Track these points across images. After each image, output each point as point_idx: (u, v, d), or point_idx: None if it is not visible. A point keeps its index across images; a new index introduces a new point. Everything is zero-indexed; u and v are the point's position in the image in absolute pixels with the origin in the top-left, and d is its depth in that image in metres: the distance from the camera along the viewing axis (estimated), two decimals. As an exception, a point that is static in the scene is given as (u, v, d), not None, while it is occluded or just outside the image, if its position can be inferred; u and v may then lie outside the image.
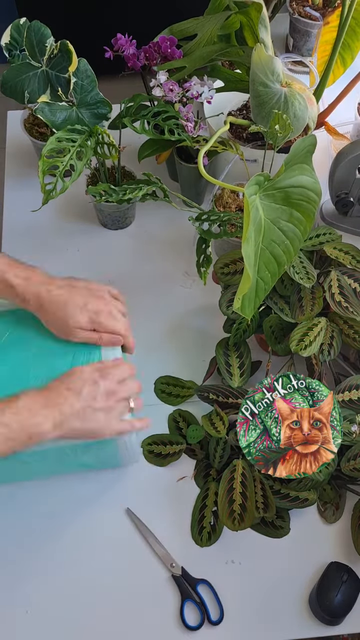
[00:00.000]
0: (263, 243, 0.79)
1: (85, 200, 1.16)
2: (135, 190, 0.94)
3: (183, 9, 1.45)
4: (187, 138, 0.99)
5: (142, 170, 1.05)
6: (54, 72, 0.97)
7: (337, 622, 0.80)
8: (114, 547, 0.85)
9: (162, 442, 0.92)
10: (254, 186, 0.77)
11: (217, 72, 1.08)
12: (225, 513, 0.82)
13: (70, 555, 0.85)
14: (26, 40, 0.96)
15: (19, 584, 0.83)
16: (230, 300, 0.90)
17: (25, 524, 0.87)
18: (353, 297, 0.88)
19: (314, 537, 0.87)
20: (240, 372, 0.92)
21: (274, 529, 0.86)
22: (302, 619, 0.81)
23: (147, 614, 0.81)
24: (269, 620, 0.81)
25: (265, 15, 0.96)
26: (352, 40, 1.14)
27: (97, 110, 1.01)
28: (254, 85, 0.94)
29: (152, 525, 0.87)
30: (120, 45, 1.02)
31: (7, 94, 0.98)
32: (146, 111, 0.98)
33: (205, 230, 0.94)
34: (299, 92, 0.96)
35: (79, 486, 0.89)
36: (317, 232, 0.95)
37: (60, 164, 0.92)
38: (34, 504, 0.88)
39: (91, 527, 0.87)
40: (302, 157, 0.81)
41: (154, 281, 1.10)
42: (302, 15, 1.38)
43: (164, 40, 1.02)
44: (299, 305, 0.88)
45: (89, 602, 0.82)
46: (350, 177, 1.04)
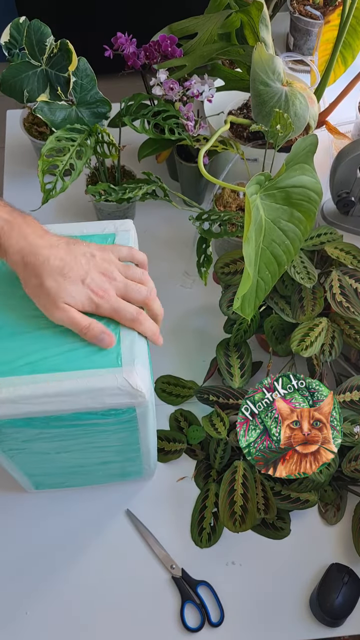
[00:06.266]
0: (263, 243, 0.79)
1: (85, 200, 1.16)
2: (135, 189, 0.94)
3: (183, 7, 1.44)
4: (187, 137, 0.99)
5: (142, 169, 1.05)
6: (53, 71, 0.96)
7: (338, 623, 0.80)
8: (113, 549, 0.85)
9: (166, 438, 0.92)
10: (255, 186, 0.77)
11: (217, 71, 1.08)
12: (226, 514, 0.82)
13: (70, 557, 0.85)
14: (26, 39, 0.95)
15: (18, 585, 0.83)
16: (230, 301, 0.89)
17: (25, 525, 0.87)
18: (354, 297, 0.87)
19: (314, 539, 0.86)
20: (241, 373, 0.92)
21: (275, 530, 0.86)
22: (302, 621, 0.81)
23: (147, 615, 0.81)
24: (269, 621, 0.81)
25: (266, 13, 0.96)
26: (352, 39, 1.14)
27: (96, 109, 1.00)
28: (255, 84, 0.94)
29: (152, 526, 0.86)
30: (120, 43, 1.01)
31: (7, 93, 0.97)
32: (146, 110, 0.98)
33: (205, 229, 0.94)
34: (299, 91, 0.96)
35: (78, 487, 0.89)
36: (318, 232, 0.94)
37: (59, 163, 0.91)
38: (34, 505, 0.88)
39: (91, 528, 0.87)
40: (303, 157, 0.80)
41: (153, 281, 1.09)
42: (303, 14, 1.38)
43: (164, 39, 1.01)
44: (300, 305, 0.88)
45: (89, 603, 0.82)
46: (351, 176, 1.04)
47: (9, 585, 0.83)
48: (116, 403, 0.62)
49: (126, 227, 0.72)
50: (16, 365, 0.61)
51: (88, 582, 0.83)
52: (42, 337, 0.63)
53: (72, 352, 0.62)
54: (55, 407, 0.61)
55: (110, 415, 0.65)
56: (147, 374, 0.64)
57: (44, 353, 0.62)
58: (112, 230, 0.72)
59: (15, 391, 0.60)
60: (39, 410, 0.61)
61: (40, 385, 0.60)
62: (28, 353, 0.62)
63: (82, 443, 0.72)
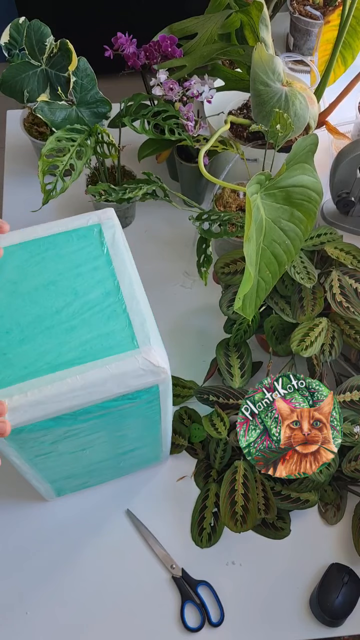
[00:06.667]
0: (264, 243, 0.79)
1: (85, 200, 1.16)
2: (135, 189, 0.94)
3: (183, 7, 1.45)
4: (187, 137, 0.99)
5: (142, 169, 1.05)
6: (53, 71, 0.96)
7: (338, 623, 0.80)
8: (113, 549, 0.85)
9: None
10: (255, 185, 0.77)
11: (217, 71, 1.08)
12: (227, 515, 0.82)
13: (70, 557, 0.85)
14: (26, 39, 0.95)
15: (18, 585, 0.83)
16: (230, 301, 0.89)
17: (24, 527, 0.87)
18: (354, 298, 0.87)
19: (314, 539, 0.86)
20: (241, 373, 0.92)
21: (275, 530, 0.86)
22: (302, 621, 0.81)
23: (148, 615, 0.81)
24: (269, 621, 0.81)
25: (266, 14, 0.96)
26: (352, 39, 1.14)
27: (96, 110, 1.00)
28: (255, 85, 0.94)
29: (152, 526, 0.86)
30: (120, 44, 1.01)
31: (7, 93, 0.97)
32: (146, 110, 0.98)
33: (205, 229, 0.94)
34: (299, 92, 0.96)
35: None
36: (318, 232, 0.94)
37: (60, 164, 0.91)
38: (33, 506, 0.88)
39: (91, 528, 0.87)
40: (303, 157, 0.80)
41: (154, 281, 1.10)
42: (303, 14, 1.38)
43: (164, 39, 1.01)
44: (300, 305, 0.88)
45: (89, 603, 0.82)
46: (351, 176, 1.04)
47: (9, 585, 0.83)
48: (141, 384, 0.63)
49: (109, 216, 0.73)
50: (36, 367, 0.61)
51: (88, 582, 0.83)
52: (52, 335, 0.64)
53: (87, 344, 0.63)
54: (82, 400, 0.62)
55: (135, 398, 0.65)
56: (163, 349, 0.65)
57: (59, 350, 0.63)
58: (97, 221, 0.72)
59: (41, 392, 0.60)
60: (67, 407, 0.61)
61: (65, 381, 0.61)
62: (43, 353, 0.62)
63: (106, 434, 0.72)
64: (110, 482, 0.89)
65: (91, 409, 0.64)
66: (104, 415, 0.66)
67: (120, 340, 0.63)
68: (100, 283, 0.67)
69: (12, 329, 0.64)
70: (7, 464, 0.86)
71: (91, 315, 0.65)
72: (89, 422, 0.67)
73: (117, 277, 0.68)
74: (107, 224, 0.72)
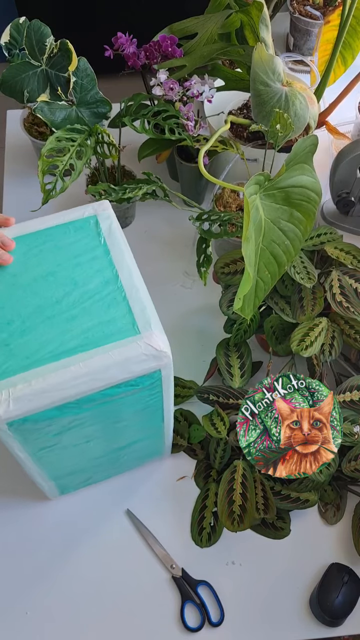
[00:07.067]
0: (263, 243, 0.79)
1: (85, 200, 1.16)
2: (135, 189, 0.94)
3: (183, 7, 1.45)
4: (187, 137, 0.99)
5: (142, 169, 1.05)
6: (53, 71, 0.97)
7: (337, 623, 0.80)
8: (113, 548, 0.85)
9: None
10: (254, 186, 0.77)
11: (217, 71, 1.08)
12: (224, 514, 0.82)
13: (70, 557, 0.85)
14: (26, 39, 0.95)
15: (18, 585, 0.83)
16: (230, 301, 0.89)
17: (24, 526, 0.87)
18: (354, 297, 0.87)
19: (314, 539, 0.86)
20: (241, 373, 0.92)
21: (275, 530, 0.86)
22: (302, 620, 0.81)
23: (147, 615, 0.81)
24: (269, 621, 0.81)
25: (266, 14, 0.96)
26: (352, 39, 1.14)
27: (96, 110, 1.00)
28: (255, 85, 0.94)
29: (152, 526, 0.86)
30: (120, 44, 1.01)
31: (7, 93, 0.97)
32: (146, 110, 0.98)
33: (205, 230, 0.94)
34: (299, 92, 0.96)
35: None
36: (317, 232, 0.94)
37: (60, 164, 0.91)
38: (33, 506, 0.88)
39: (91, 528, 0.87)
40: (303, 157, 0.80)
41: (154, 281, 1.09)
42: (303, 14, 1.38)
43: (164, 39, 1.01)
44: (300, 305, 0.88)
45: (89, 603, 0.82)
46: (351, 176, 1.04)
47: (9, 585, 0.83)
48: (143, 369, 0.63)
49: (104, 207, 0.74)
50: (39, 357, 0.62)
51: (88, 582, 0.83)
52: (53, 324, 0.64)
53: (88, 332, 0.63)
54: (86, 388, 0.62)
55: (138, 384, 0.66)
56: (164, 334, 0.65)
57: (61, 338, 0.63)
58: (92, 213, 0.73)
59: (45, 380, 0.60)
60: (72, 394, 0.62)
61: (69, 369, 0.61)
62: (45, 342, 0.63)
63: (110, 425, 0.72)
64: (111, 482, 0.90)
65: (95, 396, 0.64)
66: (107, 402, 0.67)
67: (122, 327, 0.64)
68: (99, 272, 0.68)
69: (13, 320, 0.64)
70: (8, 463, 0.86)
71: (91, 303, 0.66)
72: (92, 411, 0.67)
73: (116, 266, 0.68)
74: (103, 215, 0.73)
